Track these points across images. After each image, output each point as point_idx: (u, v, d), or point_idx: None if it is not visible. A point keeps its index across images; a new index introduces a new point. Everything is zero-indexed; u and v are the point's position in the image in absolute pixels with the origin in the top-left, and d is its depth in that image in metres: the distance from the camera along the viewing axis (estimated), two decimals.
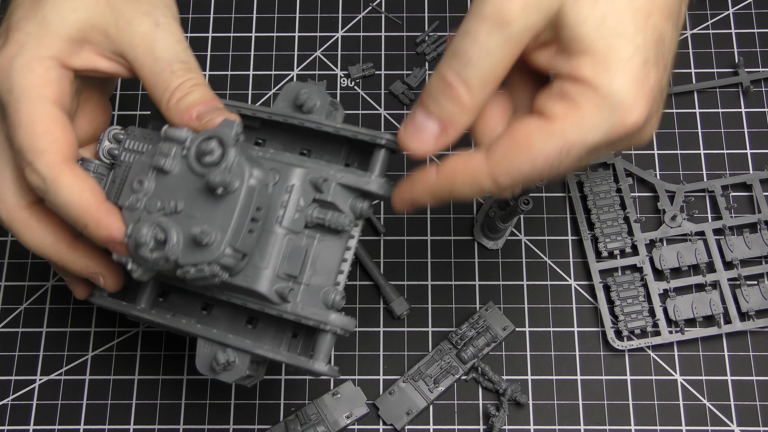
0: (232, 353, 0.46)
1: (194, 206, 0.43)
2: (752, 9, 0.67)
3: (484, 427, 0.57)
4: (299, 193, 0.46)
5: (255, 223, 0.44)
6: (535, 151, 0.39)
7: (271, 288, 0.45)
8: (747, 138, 0.63)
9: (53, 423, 0.58)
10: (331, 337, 0.46)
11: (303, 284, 0.46)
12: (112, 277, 0.49)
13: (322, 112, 0.48)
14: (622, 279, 0.59)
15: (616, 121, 0.38)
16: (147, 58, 0.47)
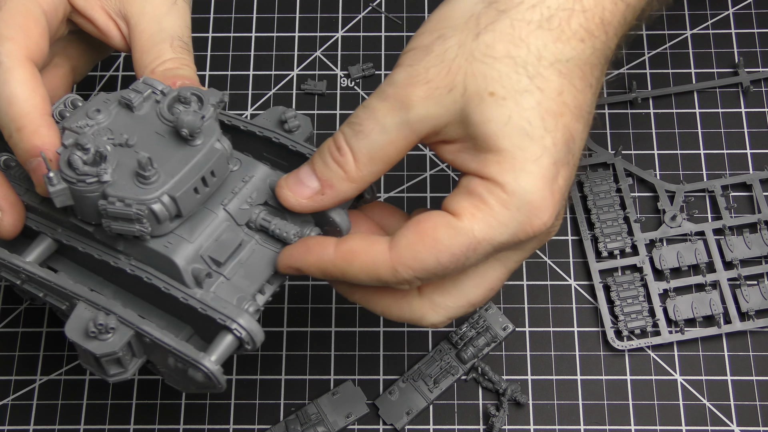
0: (114, 321, 0.41)
1: (148, 148, 0.40)
2: (752, 9, 0.67)
3: (484, 427, 0.57)
4: (255, 186, 0.44)
5: (203, 186, 0.41)
6: (442, 246, 0.38)
7: (189, 265, 0.41)
8: (747, 138, 0.64)
9: (53, 423, 0.58)
10: (232, 339, 0.41)
11: (223, 276, 0.42)
12: (11, 215, 0.45)
13: (302, 137, 0.46)
14: (622, 279, 0.59)
15: (524, 220, 0.38)
16: (152, 26, 0.47)
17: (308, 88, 0.66)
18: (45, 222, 0.46)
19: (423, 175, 0.63)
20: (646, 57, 0.66)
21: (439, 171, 0.63)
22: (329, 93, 0.66)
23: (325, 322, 0.60)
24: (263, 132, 0.46)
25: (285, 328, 0.60)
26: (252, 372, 0.59)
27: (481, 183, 0.39)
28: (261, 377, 0.59)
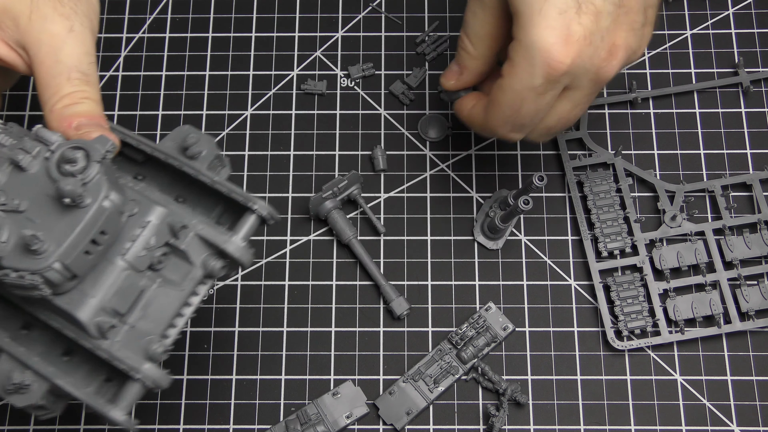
0: (30, 376, 0.44)
1: (38, 211, 0.41)
2: (752, 9, 0.67)
3: (484, 427, 0.57)
4: (153, 231, 0.44)
5: (95, 246, 0.42)
6: (501, 104, 0.50)
7: (92, 318, 0.43)
8: (747, 138, 0.63)
9: (53, 423, 0.58)
10: (139, 386, 0.43)
11: (128, 325, 0.44)
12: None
13: (206, 162, 0.46)
14: (622, 279, 0.59)
15: (543, 63, 0.47)
16: (49, 58, 0.46)
17: (308, 88, 0.66)
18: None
19: (423, 175, 0.63)
20: (646, 57, 0.66)
21: (439, 171, 0.63)
22: (329, 93, 0.66)
23: (325, 322, 0.60)
24: (168, 159, 0.46)
25: (285, 328, 0.60)
26: (252, 372, 0.59)
27: (511, 46, 0.49)
28: (261, 377, 0.59)
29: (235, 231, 0.45)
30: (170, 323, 0.45)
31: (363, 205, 0.61)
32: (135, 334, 0.44)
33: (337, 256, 0.61)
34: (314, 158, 0.64)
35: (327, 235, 0.62)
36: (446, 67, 0.57)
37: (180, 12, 0.68)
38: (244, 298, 0.61)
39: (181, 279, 0.45)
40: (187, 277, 0.45)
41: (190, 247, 0.45)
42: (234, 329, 0.60)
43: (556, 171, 0.63)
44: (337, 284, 0.61)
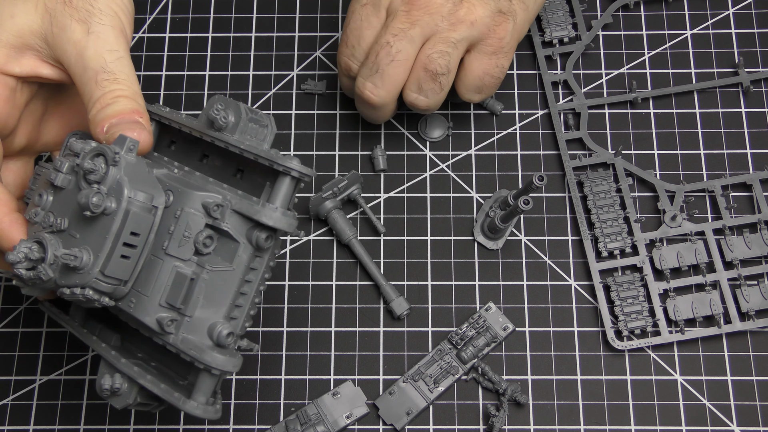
0: (119, 379, 0.45)
1: (78, 226, 0.42)
2: (752, 9, 0.67)
3: (484, 427, 0.57)
4: (187, 218, 0.43)
5: (131, 249, 0.42)
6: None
7: (153, 317, 0.43)
8: (747, 138, 0.64)
9: (53, 423, 0.58)
10: (207, 375, 0.44)
11: (188, 316, 0.44)
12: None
13: (236, 130, 0.45)
14: (622, 279, 0.59)
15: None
16: (77, 66, 0.46)
17: (308, 88, 0.66)
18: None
19: (423, 175, 0.63)
20: (646, 57, 0.66)
21: (439, 171, 0.63)
22: (329, 93, 0.66)
23: (325, 322, 0.60)
24: (192, 132, 0.46)
25: (285, 328, 0.60)
26: (252, 372, 0.59)
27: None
28: (261, 377, 0.59)
29: (270, 199, 0.44)
30: (233, 304, 0.44)
31: (363, 205, 0.61)
32: (196, 323, 0.44)
33: (337, 256, 0.61)
34: (314, 158, 0.64)
35: (327, 235, 0.62)
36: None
37: (180, 12, 0.68)
38: None
39: (231, 258, 0.44)
40: (236, 255, 0.44)
41: (231, 224, 0.44)
42: None
43: (556, 171, 0.63)
44: (337, 284, 0.61)
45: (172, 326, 0.43)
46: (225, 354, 0.43)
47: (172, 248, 0.43)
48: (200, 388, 0.44)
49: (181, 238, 0.43)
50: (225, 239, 0.44)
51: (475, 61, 0.56)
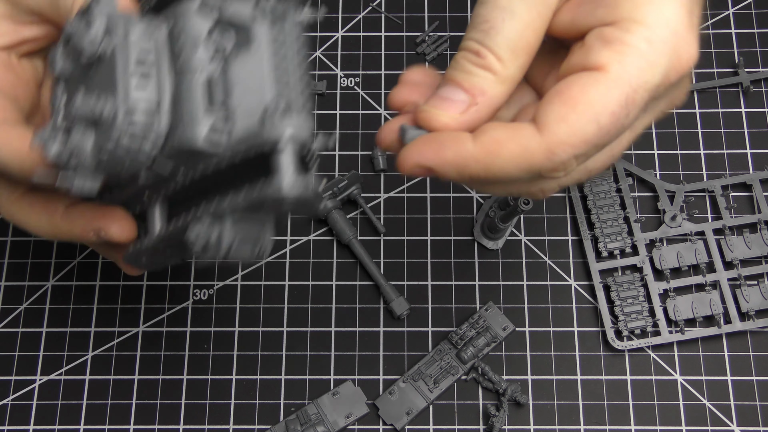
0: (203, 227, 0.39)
1: (91, 87, 0.38)
2: (752, 9, 0.67)
3: (484, 427, 0.57)
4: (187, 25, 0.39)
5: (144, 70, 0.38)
6: (599, 107, 0.33)
7: (204, 131, 0.38)
8: (747, 138, 0.63)
9: (53, 423, 0.58)
10: (284, 154, 0.36)
11: (236, 109, 0.39)
12: (115, 223, 0.43)
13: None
14: (622, 279, 0.59)
15: (673, 54, 0.34)
16: (50, 5, 0.43)
17: None
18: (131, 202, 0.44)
19: None
20: None
21: None
22: (329, 93, 0.66)
23: (325, 322, 0.60)
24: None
25: (285, 328, 0.60)
26: (252, 372, 0.59)
27: (614, 28, 0.34)
28: (261, 377, 0.59)
29: None
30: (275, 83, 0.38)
31: (363, 205, 0.61)
32: (244, 116, 0.38)
33: (337, 256, 0.61)
34: None
35: (327, 235, 0.62)
36: (429, 97, 0.37)
37: None
38: (244, 298, 0.61)
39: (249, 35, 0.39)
40: (252, 30, 0.39)
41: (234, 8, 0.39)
42: (234, 329, 0.60)
43: None
44: (337, 284, 0.61)
45: (225, 126, 0.38)
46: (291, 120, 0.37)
47: (184, 60, 0.39)
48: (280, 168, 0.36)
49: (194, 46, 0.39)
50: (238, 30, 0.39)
51: None
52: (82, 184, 0.38)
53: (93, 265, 0.62)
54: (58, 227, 0.45)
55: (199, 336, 0.60)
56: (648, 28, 0.33)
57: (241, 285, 0.61)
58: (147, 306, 0.61)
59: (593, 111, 0.33)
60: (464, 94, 0.36)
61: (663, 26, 0.34)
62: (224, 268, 0.61)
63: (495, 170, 0.35)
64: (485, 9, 0.35)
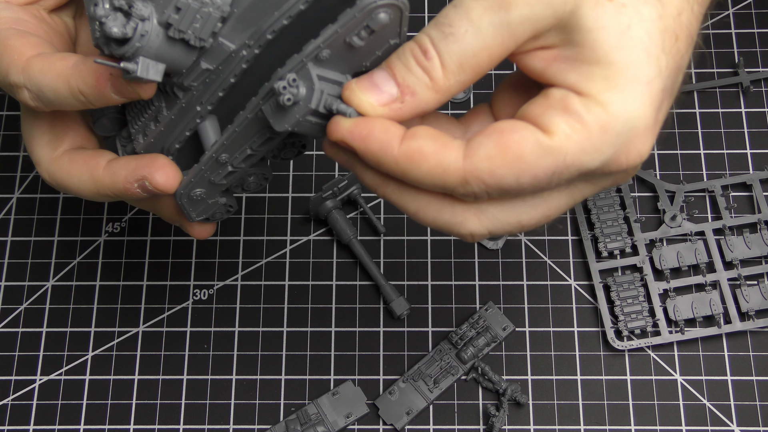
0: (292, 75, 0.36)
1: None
2: (752, 9, 0.67)
3: (484, 427, 0.57)
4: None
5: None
6: (526, 165, 0.34)
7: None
8: (747, 138, 0.64)
9: (53, 423, 0.58)
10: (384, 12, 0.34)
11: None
12: (159, 170, 0.41)
13: None
14: (622, 279, 0.59)
15: (621, 148, 0.34)
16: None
17: None
18: (181, 121, 0.42)
19: None
20: None
21: None
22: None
23: (325, 322, 0.60)
24: None
25: (285, 328, 0.60)
26: (252, 372, 0.59)
27: (579, 100, 0.34)
28: (261, 377, 0.59)
29: None
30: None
31: (363, 205, 0.61)
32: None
33: (337, 256, 0.61)
34: (314, 158, 0.64)
35: (327, 235, 0.62)
36: (363, 75, 0.36)
37: None
38: (244, 298, 0.61)
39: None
40: None
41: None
42: (234, 329, 0.60)
43: None
44: (337, 284, 0.61)
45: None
46: None
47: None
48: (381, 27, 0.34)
49: None
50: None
51: None
52: (146, 69, 0.36)
53: (93, 265, 0.62)
54: (101, 182, 0.43)
55: (199, 336, 0.60)
56: (608, 114, 0.33)
57: (241, 285, 0.61)
58: (147, 306, 0.61)
59: (519, 167, 0.34)
60: (395, 87, 0.35)
61: (623, 118, 0.33)
62: (225, 267, 0.62)
63: (410, 177, 0.35)
64: (454, 12, 0.34)
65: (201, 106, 0.41)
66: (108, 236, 0.62)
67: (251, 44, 0.38)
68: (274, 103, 0.37)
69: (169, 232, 0.62)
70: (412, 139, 0.35)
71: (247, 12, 0.37)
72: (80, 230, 0.63)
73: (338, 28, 0.35)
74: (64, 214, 0.63)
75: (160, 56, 0.36)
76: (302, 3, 0.36)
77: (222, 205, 0.45)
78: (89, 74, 0.39)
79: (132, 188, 0.42)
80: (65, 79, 0.40)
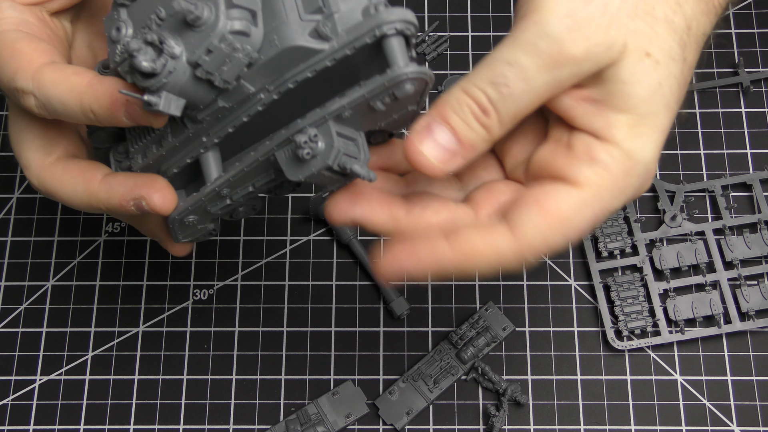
0: (313, 130, 0.37)
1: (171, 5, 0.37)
2: (752, 9, 0.67)
3: (484, 427, 0.57)
4: None
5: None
6: (572, 224, 0.36)
7: (304, 34, 0.37)
8: (747, 138, 0.64)
9: (53, 423, 0.58)
10: (395, 38, 0.35)
11: (334, 14, 0.37)
12: (157, 192, 0.42)
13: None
14: (622, 279, 0.59)
15: (641, 184, 0.38)
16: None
17: None
18: (184, 149, 0.42)
19: None
20: None
21: None
22: None
23: (325, 322, 0.60)
24: None
25: (285, 328, 0.60)
26: (252, 372, 0.59)
27: (603, 147, 0.36)
28: (261, 377, 0.59)
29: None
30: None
31: None
32: (348, 14, 0.37)
33: (337, 256, 0.61)
34: None
35: (327, 235, 0.62)
36: (417, 125, 0.37)
37: None
38: (244, 298, 0.61)
39: None
40: None
41: None
42: (234, 329, 0.60)
43: None
44: (337, 284, 0.61)
45: (328, 27, 0.36)
46: (394, 9, 0.36)
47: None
48: (395, 54, 0.35)
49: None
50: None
51: None
52: (168, 105, 0.37)
53: (93, 265, 0.62)
54: (96, 195, 0.43)
55: (199, 336, 0.60)
56: (631, 160, 0.36)
57: (241, 285, 0.61)
58: (147, 306, 0.61)
59: (566, 227, 0.36)
60: (457, 144, 0.37)
61: (643, 161, 0.36)
62: (225, 267, 0.62)
63: (469, 269, 0.37)
64: (510, 71, 0.36)
65: (207, 137, 0.41)
66: (108, 236, 0.63)
67: (271, 89, 0.38)
68: (290, 152, 0.38)
69: None
70: (460, 239, 0.37)
71: (273, 60, 0.38)
72: (80, 230, 0.63)
73: (365, 93, 0.36)
74: (64, 214, 0.63)
75: (183, 92, 0.37)
76: (329, 60, 0.37)
77: (209, 230, 0.46)
78: (104, 96, 0.39)
79: (127, 206, 0.42)
80: (78, 96, 0.40)
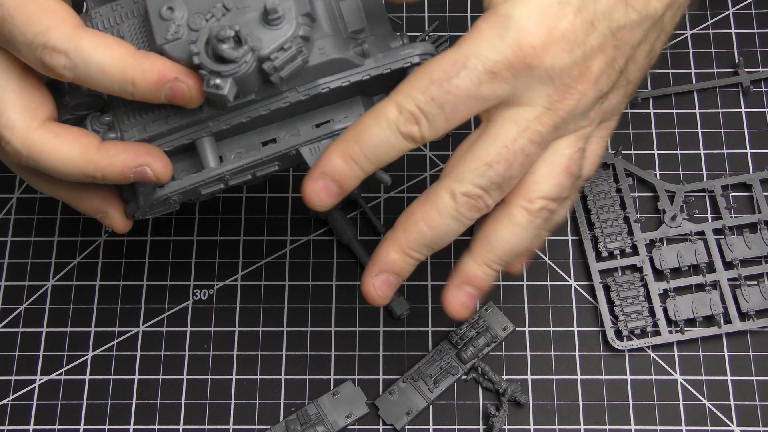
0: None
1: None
2: (752, 9, 0.67)
3: (484, 427, 0.57)
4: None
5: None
6: (431, 66, 0.40)
7: (350, 49, 0.41)
8: (747, 138, 0.64)
9: (53, 423, 0.58)
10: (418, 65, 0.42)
11: (372, 36, 0.43)
12: (161, 159, 0.42)
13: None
14: (622, 279, 0.59)
15: (512, 42, 0.39)
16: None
17: None
18: (188, 130, 0.43)
19: (423, 175, 0.63)
20: None
21: (438, 171, 0.63)
22: None
23: (325, 322, 0.60)
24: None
25: (285, 328, 0.60)
26: (252, 372, 0.59)
27: (482, 16, 0.40)
28: (261, 377, 0.59)
29: None
30: (384, 15, 0.44)
31: (363, 205, 0.61)
32: (379, 41, 0.43)
33: (337, 256, 0.61)
34: None
35: (327, 235, 0.62)
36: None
37: None
38: (244, 298, 0.61)
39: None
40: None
41: None
42: (234, 329, 0.60)
43: None
44: (337, 284, 0.61)
45: (366, 47, 0.42)
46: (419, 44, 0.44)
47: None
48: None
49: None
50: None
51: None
52: (232, 91, 0.39)
53: (93, 265, 0.62)
54: (94, 162, 0.42)
55: (199, 336, 0.60)
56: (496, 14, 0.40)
57: (241, 285, 0.61)
58: (147, 306, 0.61)
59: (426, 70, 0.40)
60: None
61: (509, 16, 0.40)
62: (225, 267, 0.61)
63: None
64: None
65: (215, 123, 0.42)
66: (108, 236, 0.63)
67: (300, 90, 0.41)
68: (317, 150, 0.43)
69: (169, 232, 0.62)
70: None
71: (317, 67, 0.40)
72: (80, 230, 0.63)
73: None
74: (64, 214, 0.63)
75: (241, 82, 0.39)
76: (364, 75, 0.41)
77: (175, 208, 0.46)
78: (152, 72, 0.40)
79: (128, 173, 0.42)
80: (122, 66, 0.40)
